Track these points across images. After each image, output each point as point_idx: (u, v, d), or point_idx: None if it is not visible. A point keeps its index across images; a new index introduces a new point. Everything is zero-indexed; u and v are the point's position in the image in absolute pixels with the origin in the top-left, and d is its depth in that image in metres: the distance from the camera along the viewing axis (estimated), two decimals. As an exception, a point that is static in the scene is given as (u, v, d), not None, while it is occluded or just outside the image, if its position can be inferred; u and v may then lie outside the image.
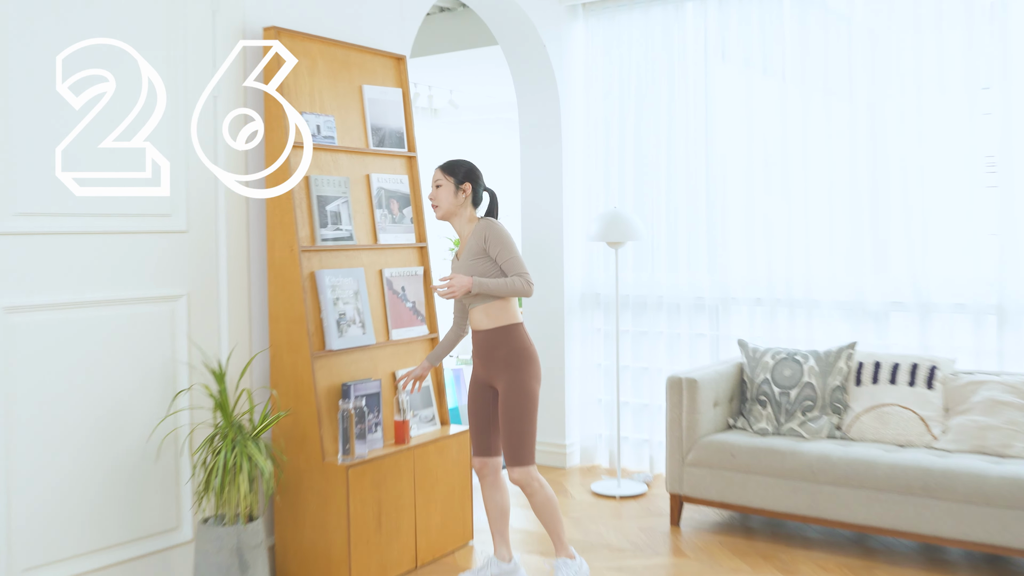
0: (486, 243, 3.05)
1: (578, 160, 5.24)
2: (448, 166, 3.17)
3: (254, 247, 3.49)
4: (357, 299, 3.58)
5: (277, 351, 3.47)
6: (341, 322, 3.49)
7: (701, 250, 4.82)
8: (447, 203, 3.12)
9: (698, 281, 4.83)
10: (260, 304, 3.52)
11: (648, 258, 4.98)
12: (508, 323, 3.09)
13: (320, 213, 3.51)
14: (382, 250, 3.78)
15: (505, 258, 3.05)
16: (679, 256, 4.86)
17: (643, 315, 5.00)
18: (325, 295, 3.46)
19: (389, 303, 3.77)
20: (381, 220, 3.78)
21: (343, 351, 3.53)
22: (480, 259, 3.08)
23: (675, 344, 4.90)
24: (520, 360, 3.04)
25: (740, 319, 4.69)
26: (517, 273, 3.05)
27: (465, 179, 3.15)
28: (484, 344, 3.09)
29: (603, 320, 5.15)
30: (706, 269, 4.80)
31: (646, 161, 4.98)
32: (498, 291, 3.02)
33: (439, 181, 3.14)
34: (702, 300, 4.81)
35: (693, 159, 4.84)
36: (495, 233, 3.06)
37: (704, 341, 4.81)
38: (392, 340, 3.74)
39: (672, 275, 4.90)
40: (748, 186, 4.67)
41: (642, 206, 5.01)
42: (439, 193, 3.13)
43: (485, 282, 3.03)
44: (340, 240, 3.56)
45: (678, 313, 4.88)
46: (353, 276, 3.58)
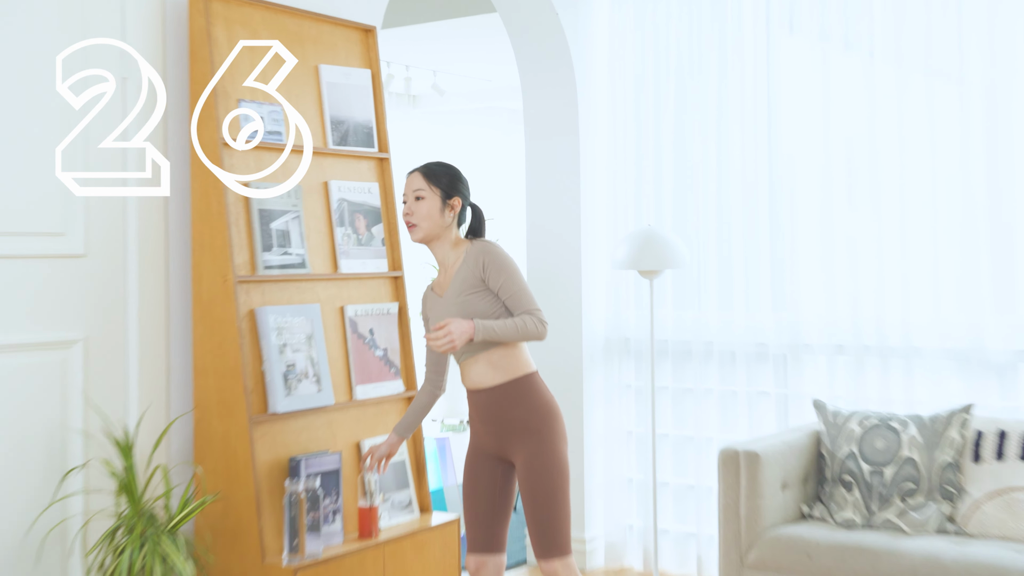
0: (484, 272, 3.06)
1: (601, 164, 5.23)
2: (431, 171, 3.17)
3: (175, 277, 3.51)
4: (311, 346, 3.58)
5: (204, 415, 3.49)
6: (289, 376, 3.50)
7: (763, 281, 4.81)
8: (430, 222, 3.13)
9: (759, 322, 4.81)
10: (182, 352, 3.53)
11: (693, 292, 4.98)
12: (521, 374, 3.09)
13: (263, 232, 3.51)
14: (344, 281, 3.79)
15: (511, 291, 3.05)
16: (734, 289, 4.86)
17: (687, 367, 4.98)
18: (268, 340, 3.46)
19: (353, 351, 3.77)
20: (343, 241, 3.78)
21: (292, 415, 3.54)
22: (476, 294, 3.09)
23: (729, 405, 4.89)
24: (544, 420, 3.05)
25: (816, 372, 4.68)
26: (526, 310, 3.05)
27: (454, 190, 3.17)
28: (492, 406, 3.10)
29: (634, 373, 5.13)
30: (770, 306, 4.79)
31: (690, 165, 4.98)
32: (507, 336, 3.03)
33: (419, 191, 3.15)
34: (765, 347, 4.79)
35: (751, 162, 4.83)
36: (496, 259, 3.06)
37: (767, 401, 4.79)
38: (357, 400, 3.74)
39: (725, 314, 4.88)
40: (825, 197, 4.67)
41: (684, 224, 5.01)
42: (419, 208, 3.13)
43: (490, 326, 3.02)
44: (289, 268, 3.58)
45: (733, 364, 4.87)
46: (306, 315, 3.59)
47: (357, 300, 3.82)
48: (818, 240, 4.68)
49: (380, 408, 3.86)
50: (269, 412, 3.46)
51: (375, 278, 3.90)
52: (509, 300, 3.06)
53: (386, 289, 3.95)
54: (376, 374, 3.82)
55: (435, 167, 3.18)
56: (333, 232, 3.76)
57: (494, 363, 3.08)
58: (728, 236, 4.87)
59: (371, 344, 3.83)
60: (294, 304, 3.58)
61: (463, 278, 3.10)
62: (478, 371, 3.11)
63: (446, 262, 3.17)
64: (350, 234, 3.80)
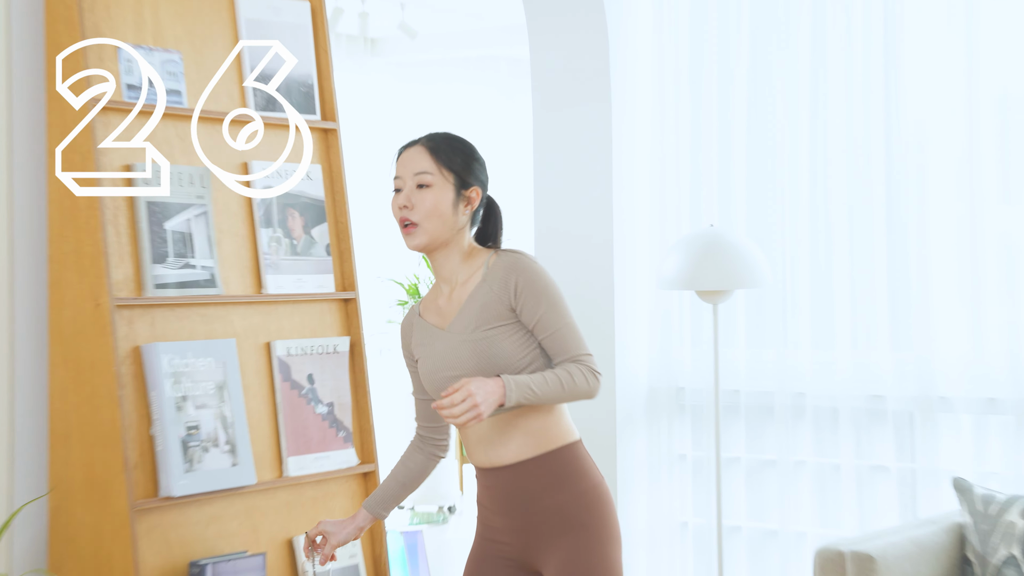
0: (517, 298, 3.06)
1: (643, 142, 5.24)
2: (441, 146, 3.17)
3: (25, 301, 3.54)
4: (223, 399, 3.62)
5: (64, 501, 3.49)
6: (191, 443, 3.52)
7: (879, 307, 4.82)
8: (437, 221, 3.12)
9: (874, 366, 4.81)
10: (33, 410, 3.55)
11: (777, 322, 5.01)
12: (560, 444, 3.11)
13: (153, 236, 3.55)
14: (272, 305, 3.84)
15: (553, 327, 3.07)
16: (836, 318, 4.88)
17: (767, 429, 4.99)
18: (161, 391, 3.48)
19: (285, 407, 3.82)
20: (271, 249, 3.84)
21: (194, 500, 3.55)
22: (500, 329, 3.08)
23: (830, 485, 4.88)
24: (592, 512, 3.09)
25: (956, 439, 4.68)
26: (572, 356, 3.06)
27: (471, 176, 3.17)
28: (516, 490, 3.12)
29: (691, 439, 5.15)
30: (888, 343, 4.80)
31: (770, 145, 5.03)
32: (550, 398, 3.04)
33: (423, 175, 3.13)
34: (881, 402, 4.80)
35: (861, 139, 4.84)
36: (535, 280, 3.08)
37: (886, 480, 4.79)
38: (289, 478, 3.78)
39: (823, 354, 4.90)
40: (969, 188, 4.68)
41: (763, 225, 5.05)
42: (423, 200, 3.12)
43: (527, 384, 3.02)
44: (191, 286, 3.62)
45: (835, 426, 4.86)
46: (215, 355, 3.63)
47: (290, 333, 3.85)
48: (959, 250, 4.70)
49: (323, 490, 3.88)
50: (161, 496, 3.47)
51: (317, 301, 3.93)
52: (549, 339, 3.06)
53: (332, 317, 3.97)
54: (318, 440, 3.85)
55: (446, 141, 3.17)
56: (256, 235, 3.80)
57: (520, 427, 3.09)
58: (827, 244, 4.91)
59: (311, 397, 3.86)
60: (198, 339, 3.62)
61: (483, 305, 3.08)
62: (495, 439, 3.10)
63: (453, 279, 3.17)
64: (281, 238, 3.84)
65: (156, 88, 3.61)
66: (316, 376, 3.87)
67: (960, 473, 4.51)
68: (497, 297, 3.06)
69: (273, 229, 3.82)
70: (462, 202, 3.12)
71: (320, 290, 3.91)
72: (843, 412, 4.81)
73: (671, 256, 4.70)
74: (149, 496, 3.45)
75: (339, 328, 3.98)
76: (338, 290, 3.97)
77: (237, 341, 3.69)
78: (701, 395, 5.05)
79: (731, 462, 4.99)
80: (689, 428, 5.10)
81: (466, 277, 3.14)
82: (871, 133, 4.82)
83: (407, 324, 3.23)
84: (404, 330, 3.23)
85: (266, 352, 3.79)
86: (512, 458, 3.08)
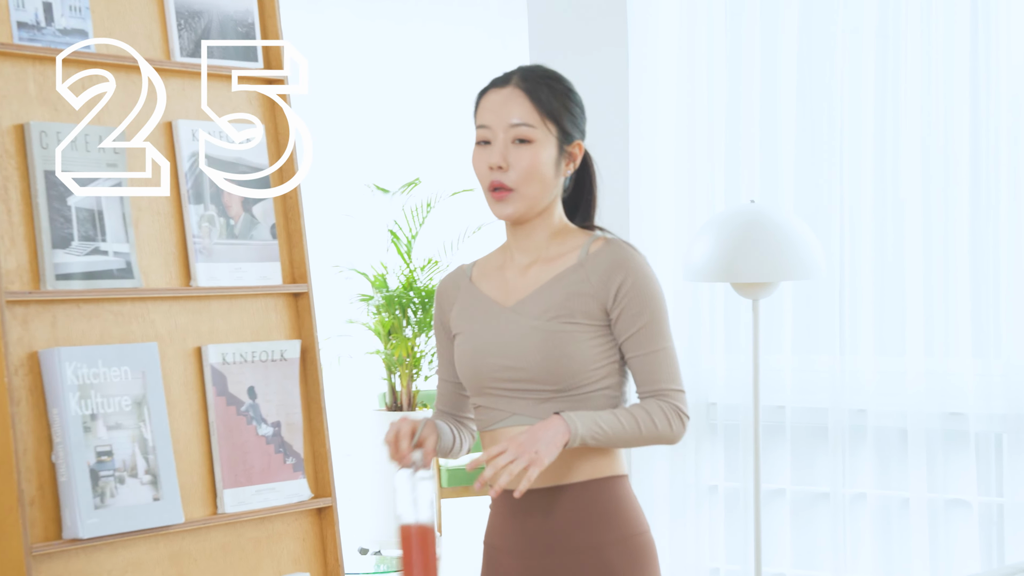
0: (617, 299, 3.08)
1: (666, 99, 5.30)
2: (541, 88, 3.15)
3: None
4: (141, 417, 3.63)
5: None
6: (102, 473, 3.53)
7: (959, 307, 4.87)
8: (540, 184, 3.13)
9: (953, 378, 4.87)
10: None
11: (833, 323, 5.06)
12: (611, 474, 3.12)
13: (53, 214, 3.56)
14: (204, 300, 3.86)
15: (649, 346, 3.08)
16: (906, 320, 4.93)
17: (819, 455, 5.04)
18: (64, 407, 3.48)
19: (219, 426, 3.83)
20: (202, 231, 3.85)
21: (107, 542, 3.54)
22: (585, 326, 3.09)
23: (896, 523, 4.92)
24: (636, 564, 3.12)
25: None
26: (660, 390, 3.08)
27: (576, 125, 3.17)
28: (548, 522, 3.13)
29: (724, 466, 5.22)
30: (970, 350, 4.85)
31: (825, 103, 5.09)
32: (621, 440, 3.05)
33: (524, 128, 3.12)
34: (962, 421, 4.84)
35: (938, 105, 4.89)
36: (644, 282, 3.09)
37: (967, 517, 4.83)
38: (225, 515, 3.79)
39: (890, 362, 4.96)
40: None
41: (814, 205, 5.11)
42: (521, 158, 3.11)
43: (594, 421, 3.02)
44: (102, 277, 3.63)
45: (904, 451, 4.90)
46: (133, 362, 3.64)
47: (226, 336, 3.87)
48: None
49: (267, 529, 3.89)
50: (65, 538, 3.47)
51: (260, 296, 3.95)
52: (639, 361, 3.07)
53: (279, 316, 4.00)
54: (260, 469, 3.87)
55: (546, 81, 3.15)
56: (183, 214, 3.82)
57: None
58: (896, 227, 4.97)
59: (252, 415, 3.87)
60: (111, 343, 3.62)
61: (570, 293, 3.09)
62: None
63: (539, 253, 3.18)
64: (214, 217, 3.86)
65: (55, 27, 3.57)
66: (259, 389, 3.87)
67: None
68: (593, 291, 3.07)
69: (205, 206, 3.82)
70: (564, 159, 3.14)
71: (264, 282, 3.91)
72: (913, 434, 4.84)
73: (701, 239, 4.73)
74: (50, 538, 3.43)
75: (287, 330, 3.99)
76: (286, 282, 3.97)
77: (160, 345, 3.68)
78: (737, 412, 5.10)
79: (774, 495, 5.05)
80: (722, 453, 5.17)
81: (555, 255, 3.15)
82: (953, 93, 4.86)
83: (449, 286, 3.24)
84: (444, 292, 3.23)
85: (196, 359, 3.78)
86: (547, 479, 3.07)
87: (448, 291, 3.22)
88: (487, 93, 3.14)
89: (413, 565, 3.24)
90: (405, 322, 8.34)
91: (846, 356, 4.94)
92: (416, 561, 3.23)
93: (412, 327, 8.34)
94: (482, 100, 3.13)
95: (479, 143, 3.13)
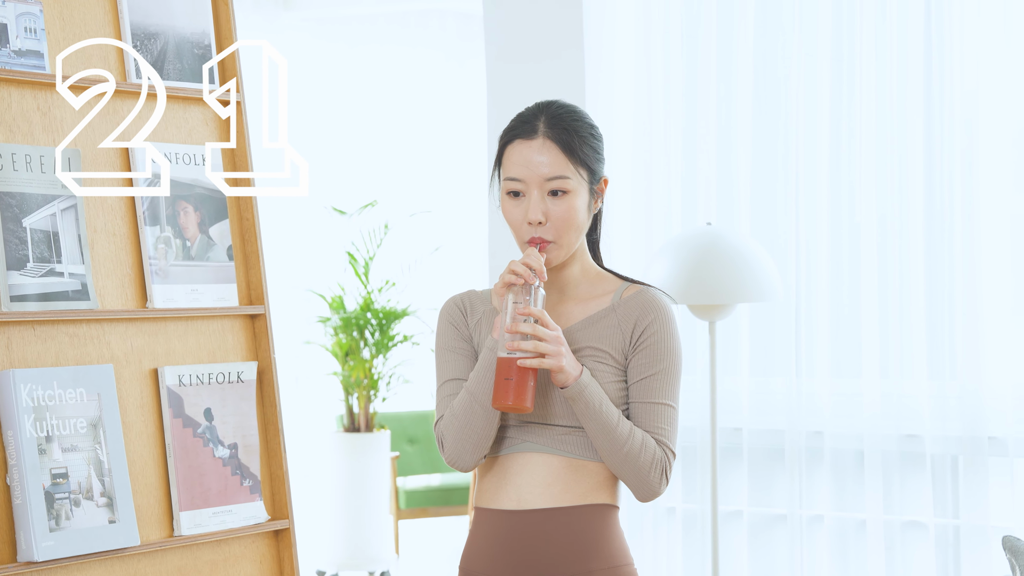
0: (637, 340, 3.09)
1: (623, 112, 5.30)
2: (571, 136, 3.11)
3: None
4: (97, 439, 3.62)
5: None
6: (57, 495, 3.52)
7: (914, 328, 4.87)
8: (576, 231, 3.13)
9: (909, 400, 4.86)
10: None
11: (789, 344, 5.07)
12: (603, 501, 3.12)
13: (8, 235, 3.57)
14: (160, 322, 3.86)
15: (654, 397, 3.10)
16: (862, 341, 4.93)
17: (776, 477, 5.07)
18: (19, 430, 3.48)
19: (175, 448, 3.82)
20: (158, 252, 3.85)
21: (61, 565, 3.54)
22: (608, 367, 3.11)
23: (852, 545, 4.93)
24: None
25: (1009, 489, 4.71)
26: (658, 433, 3.08)
27: (601, 161, 3.16)
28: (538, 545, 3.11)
29: (680, 487, 5.21)
30: (926, 372, 4.84)
31: (781, 124, 5.09)
32: (606, 433, 3.04)
33: (561, 180, 3.09)
34: (919, 443, 4.85)
35: (895, 119, 4.89)
36: (668, 331, 3.11)
37: (922, 539, 4.83)
38: (182, 538, 3.80)
39: (846, 384, 4.98)
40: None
41: (771, 225, 5.14)
42: (560, 209, 3.10)
43: (599, 395, 3.04)
44: (57, 299, 3.63)
45: (860, 473, 4.91)
46: (88, 384, 3.63)
47: (183, 358, 3.88)
48: (1015, 258, 4.76)
49: (224, 552, 3.89)
50: (20, 561, 3.46)
51: (216, 317, 3.95)
52: (640, 408, 3.09)
53: (236, 337, 4.00)
54: (217, 491, 3.86)
55: (573, 126, 3.12)
56: (139, 235, 3.81)
57: (563, 466, 3.09)
58: (852, 248, 4.97)
59: (208, 437, 3.87)
60: (66, 365, 3.61)
61: (600, 335, 3.12)
62: (527, 473, 3.11)
63: (569, 291, 3.21)
64: (171, 239, 3.86)
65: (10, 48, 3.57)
66: (215, 411, 3.87)
67: (1013, 531, 4.55)
68: (620, 331, 3.09)
69: (161, 227, 3.81)
70: (594, 199, 3.15)
71: (220, 304, 3.90)
72: (870, 456, 4.85)
73: (657, 261, 4.73)
74: (5, 561, 3.40)
75: (244, 351, 3.99)
76: (243, 303, 3.97)
77: (115, 367, 3.67)
78: (694, 435, 5.09)
79: (731, 517, 5.06)
80: (679, 475, 5.14)
81: (586, 296, 3.17)
82: (908, 117, 4.86)
83: (464, 303, 3.22)
84: (459, 307, 3.20)
85: (152, 381, 3.77)
86: (546, 500, 3.08)
87: (462, 307, 3.20)
88: (514, 144, 3.11)
89: (515, 387, 3.09)
90: (363, 343, 8.33)
91: (802, 378, 4.96)
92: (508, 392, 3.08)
93: (369, 348, 8.33)
94: (509, 151, 3.10)
95: (510, 194, 3.12)
